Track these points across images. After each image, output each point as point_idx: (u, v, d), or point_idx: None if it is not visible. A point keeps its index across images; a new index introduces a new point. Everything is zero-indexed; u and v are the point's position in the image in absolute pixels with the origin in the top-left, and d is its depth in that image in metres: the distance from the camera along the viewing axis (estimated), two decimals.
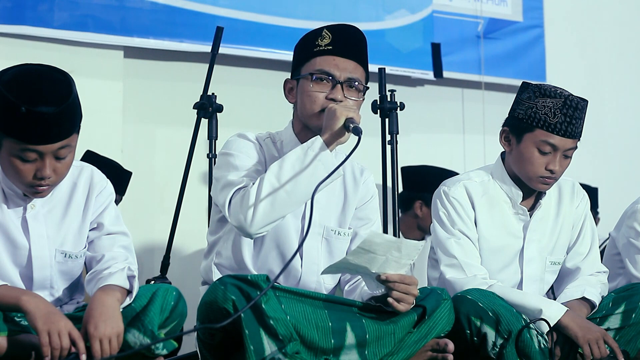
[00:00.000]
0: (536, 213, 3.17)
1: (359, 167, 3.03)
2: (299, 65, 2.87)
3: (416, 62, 5.39)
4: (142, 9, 4.58)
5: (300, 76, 2.85)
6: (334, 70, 2.80)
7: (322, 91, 2.80)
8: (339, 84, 2.80)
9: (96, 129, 4.42)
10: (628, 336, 3.07)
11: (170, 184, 4.42)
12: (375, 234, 2.60)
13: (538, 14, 5.90)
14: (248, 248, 2.85)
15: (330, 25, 2.89)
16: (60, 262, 2.65)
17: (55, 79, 2.47)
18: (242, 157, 2.81)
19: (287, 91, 2.92)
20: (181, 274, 4.09)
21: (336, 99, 2.78)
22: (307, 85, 2.81)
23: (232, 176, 2.76)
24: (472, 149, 5.63)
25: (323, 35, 2.85)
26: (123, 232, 2.77)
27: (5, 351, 2.44)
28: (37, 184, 2.50)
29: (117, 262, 2.65)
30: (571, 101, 3.02)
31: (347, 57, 2.83)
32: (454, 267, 3.07)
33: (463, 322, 2.89)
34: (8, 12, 4.28)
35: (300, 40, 2.93)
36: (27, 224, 2.61)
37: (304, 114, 2.84)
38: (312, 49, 2.84)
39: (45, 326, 2.37)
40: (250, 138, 2.88)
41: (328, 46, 2.83)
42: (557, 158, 3.04)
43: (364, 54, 2.89)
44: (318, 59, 2.82)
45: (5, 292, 2.46)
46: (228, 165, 2.80)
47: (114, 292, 2.54)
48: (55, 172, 2.50)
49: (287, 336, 2.55)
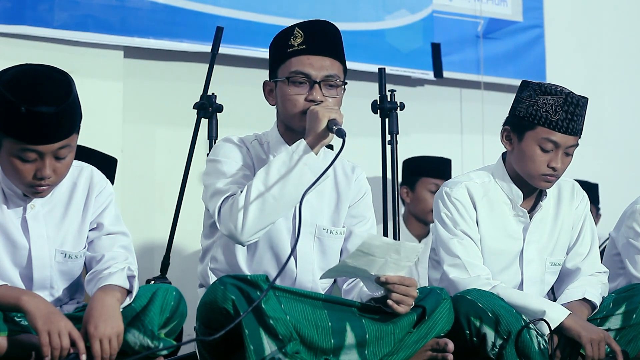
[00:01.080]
0: (536, 214, 3.17)
1: (350, 165, 3.02)
2: (275, 66, 2.85)
3: (416, 62, 5.38)
4: (143, 9, 4.57)
5: (277, 79, 2.83)
6: (310, 70, 2.78)
7: (300, 93, 2.78)
8: (316, 83, 2.78)
9: (96, 128, 4.41)
10: (629, 336, 3.07)
11: (170, 184, 4.41)
12: (373, 236, 2.60)
13: (538, 14, 5.90)
14: (242, 252, 2.85)
15: (301, 22, 2.86)
16: (60, 262, 2.66)
17: (55, 79, 2.47)
18: (229, 162, 2.81)
19: (267, 93, 2.91)
20: (181, 274, 4.08)
21: (315, 99, 2.77)
22: (285, 89, 2.80)
23: (221, 184, 2.75)
24: (471, 149, 5.63)
25: (295, 34, 2.82)
26: (123, 232, 2.77)
27: (5, 351, 2.44)
28: (37, 184, 2.50)
29: (117, 262, 2.65)
30: (572, 98, 3.02)
31: (322, 55, 2.80)
32: (457, 267, 3.06)
33: (462, 322, 2.89)
34: (8, 12, 4.27)
35: (273, 39, 2.90)
36: (27, 224, 2.61)
37: (285, 117, 2.84)
38: (286, 49, 2.82)
39: (45, 326, 2.37)
40: (237, 142, 2.87)
41: (301, 45, 2.80)
42: (559, 155, 3.05)
43: (339, 48, 2.86)
44: (293, 59, 2.80)
45: (6, 292, 2.47)
46: (216, 172, 2.80)
47: (114, 292, 2.54)
48: (55, 172, 2.50)
49: (287, 336, 2.55)
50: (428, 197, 4.72)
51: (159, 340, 2.57)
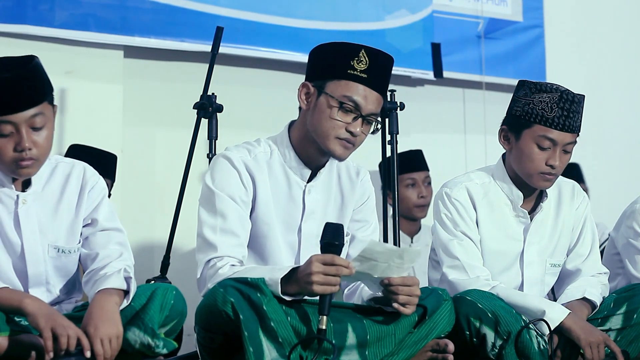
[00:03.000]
0: (536, 216, 3.17)
1: (355, 168, 2.99)
2: (326, 77, 2.77)
3: (416, 62, 5.38)
4: (143, 8, 4.58)
5: (325, 92, 2.76)
6: (362, 102, 2.74)
7: (344, 121, 2.74)
8: (362, 117, 2.75)
9: (96, 128, 4.42)
10: (629, 337, 3.07)
11: (170, 184, 4.42)
12: (375, 242, 2.60)
13: (538, 14, 5.90)
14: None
15: (368, 48, 2.79)
16: (54, 257, 2.67)
17: (16, 56, 2.56)
18: (224, 198, 2.75)
19: (302, 94, 2.82)
20: (181, 274, 4.08)
21: (355, 132, 2.73)
22: (333, 110, 2.74)
23: (211, 236, 2.72)
24: (472, 149, 5.63)
25: (360, 58, 2.75)
26: (117, 228, 2.77)
27: (5, 350, 2.45)
28: (19, 159, 2.52)
29: (113, 261, 2.66)
30: (568, 95, 3.03)
31: (378, 91, 2.77)
32: (456, 269, 3.07)
33: (462, 323, 2.89)
34: (9, 11, 4.28)
35: (332, 47, 2.82)
36: (19, 219, 2.62)
37: (316, 132, 2.78)
38: (345, 69, 2.74)
39: (47, 323, 2.39)
40: (236, 163, 2.79)
41: (363, 73, 2.74)
42: (557, 153, 3.04)
43: (388, 86, 2.85)
44: (351, 84, 2.74)
45: (8, 294, 2.49)
46: (210, 206, 2.76)
47: (112, 295, 2.55)
48: (35, 145, 2.52)
49: (287, 339, 2.55)
50: (407, 194, 4.67)
51: (159, 339, 2.57)
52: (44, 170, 2.67)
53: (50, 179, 2.70)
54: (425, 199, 4.67)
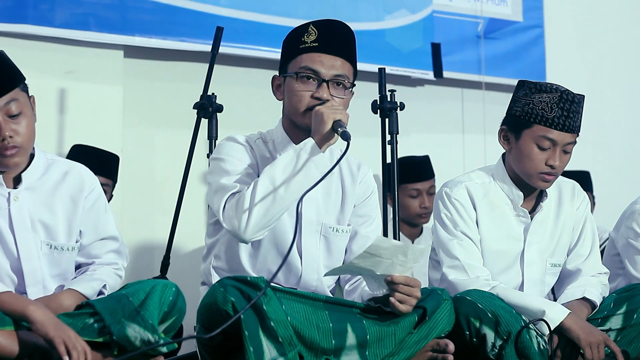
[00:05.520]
0: (537, 215, 3.17)
1: (356, 163, 3.01)
2: (286, 61, 2.85)
3: (416, 62, 5.38)
4: (143, 8, 4.58)
5: (286, 74, 2.82)
6: (320, 68, 2.77)
7: (307, 90, 2.77)
8: (324, 82, 2.77)
9: (96, 128, 4.42)
10: (629, 337, 3.07)
11: (170, 184, 4.42)
12: (382, 239, 2.61)
13: (538, 14, 5.90)
14: (245, 251, 2.84)
15: (316, 20, 2.85)
16: (47, 254, 2.68)
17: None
18: (233, 161, 2.80)
19: (274, 88, 2.89)
20: (181, 274, 4.08)
21: (321, 98, 2.76)
22: (293, 84, 2.79)
23: (225, 180, 2.75)
24: (472, 149, 5.63)
25: (309, 32, 2.81)
26: (113, 236, 2.82)
27: (5, 349, 2.45)
28: (2, 148, 2.54)
29: (97, 271, 2.74)
30: (567, 95, 3.03)
31: (334, 54, 2.80)
32: (456, 269, 3.07)
33: (462, 323, 2.89)
34: (9, 11, 4.27)
35: (287, 35, 2.90)
36: (11, 216, 2.63)
37: (290, 113, 2.83)
38: (298, 46, 2.81)
39: (57, 334, 2.39)
40: (241, 141, 2.86)
41: (314, 43, 2.79)
42: (557, 153, 3.05)
43: (351, 50, 2.85)
44: (304, 56, 2.79)
45: (12, 300, 2.48)
46: (220, 170, 2.79)
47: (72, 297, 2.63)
48: (16, 133, 2.55)
49: (287, 339, 2.55)
50: (410, 203, 4.67)
51: (159, 335, 2.56)
52: (37, 167, 2.68)
53: (44, 176, 2.71)
54: (427, 209, 4.65)
